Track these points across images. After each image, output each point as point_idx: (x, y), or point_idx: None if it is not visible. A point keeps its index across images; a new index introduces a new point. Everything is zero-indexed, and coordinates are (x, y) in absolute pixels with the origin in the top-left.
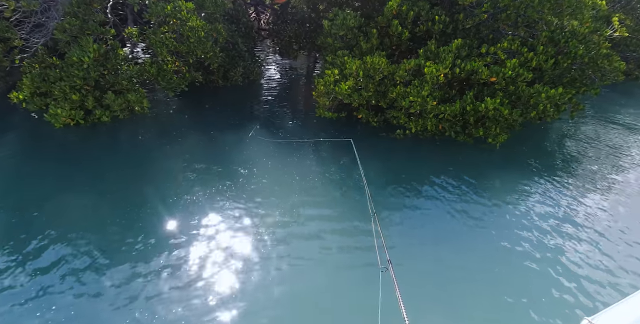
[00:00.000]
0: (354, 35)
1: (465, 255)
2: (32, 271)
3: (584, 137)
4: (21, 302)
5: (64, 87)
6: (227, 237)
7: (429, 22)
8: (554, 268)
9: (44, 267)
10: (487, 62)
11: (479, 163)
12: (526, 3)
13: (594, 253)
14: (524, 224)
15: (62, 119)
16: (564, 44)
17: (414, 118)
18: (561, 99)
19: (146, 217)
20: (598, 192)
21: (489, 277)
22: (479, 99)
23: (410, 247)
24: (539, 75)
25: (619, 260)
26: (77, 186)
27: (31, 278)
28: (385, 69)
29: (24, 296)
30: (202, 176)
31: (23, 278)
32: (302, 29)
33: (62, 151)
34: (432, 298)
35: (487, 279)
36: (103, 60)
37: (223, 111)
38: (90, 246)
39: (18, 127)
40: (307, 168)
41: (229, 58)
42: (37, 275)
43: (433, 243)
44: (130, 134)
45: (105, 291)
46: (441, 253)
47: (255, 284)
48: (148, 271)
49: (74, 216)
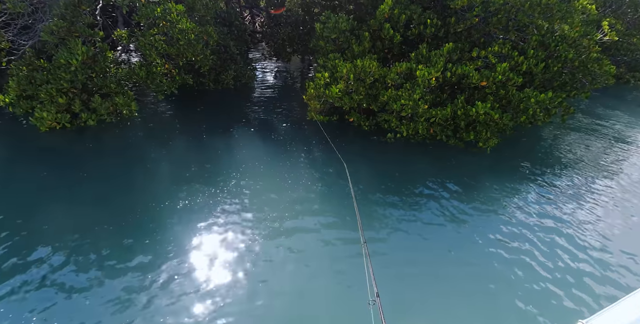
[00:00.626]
0: (346, 38)
1: (457, 267)
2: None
3: (574, 141)
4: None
5: (51, 90)
6: (212, 246)
7: (420, 25)
8: (546, 273)
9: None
10: (478, 66)
11: (470, 168)
12: (517, 7)
13: (585, 257)
14: (516, 231)
15: (48, 122)
16: (554, 48)
17: (406, 121)
18: (551, 103)
19: (133, 222)
20: (589, 198)
21: (483, 290)
22: (469, 103)
23: (400, 268)
24: (530, 79)
25: (610, 264)
26: (59, 191)
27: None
28: (377, 72)
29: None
30: (190, 181)
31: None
32: (295, 32)
33: (46, 154)
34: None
35: (481, 291)
36: (91, 63)
37: (214, 114)
38: (76, 250)
39: (2, 130)
40: (296, 179)
41: (220, 61)
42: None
43: (424, 260)
44: (117, 138)
45: (93, 294)
46: (432, 268)
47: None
48: (131, 272)
49: (55, 222)
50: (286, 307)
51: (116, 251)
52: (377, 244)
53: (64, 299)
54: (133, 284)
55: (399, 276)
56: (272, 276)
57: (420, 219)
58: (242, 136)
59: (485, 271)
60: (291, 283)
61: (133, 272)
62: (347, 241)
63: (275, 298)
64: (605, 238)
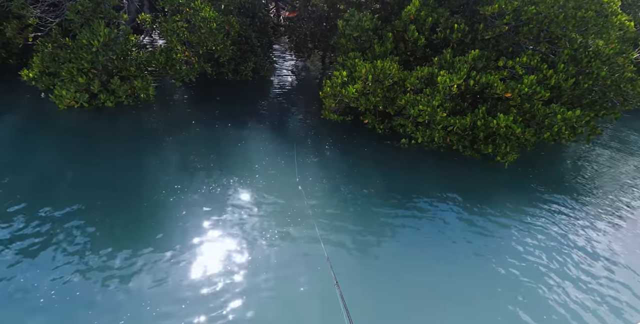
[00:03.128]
0: (369, 37)
1: (465, 286)
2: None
3: (598, 164)
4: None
5: (72, 69)
6: (209, 229)
7: (447, 29)
8: (556, 300)
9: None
10: (503, 76)
11: (483, 182)
12: (550, 18)
13: (596, 286)
14: (527, 255)
15: (67, 100)
16: (587, 63)
17: (422, 128)
18: (578, 121)
19: (134, 202)
20: (607, 226)
21: (490, 307)
22: (491, 114)
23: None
24: (557, 94)
25: (622, 296)
26: (66, 165)
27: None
28: (396, 75)
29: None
30: (197, 169)
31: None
32: (318, 28)
33: (61, 131)
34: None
35: (488, 309)
36: (113, 45)
37: (229, 105)
38: (81, 228)
39: (25, 104)
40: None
41: (240, 52)
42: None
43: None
44: (133, 121)
45: (95, 268)
46: (438, 282)
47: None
48: (133, 255)
49: (59, 195)
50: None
51: (116, 230)
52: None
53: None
54: (128, 259)
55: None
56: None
57: (422, 232)
58: (253, 130)
59: (495, 296)
60: (287, 267)
61: (133, 253)
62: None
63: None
64: (620, 272)
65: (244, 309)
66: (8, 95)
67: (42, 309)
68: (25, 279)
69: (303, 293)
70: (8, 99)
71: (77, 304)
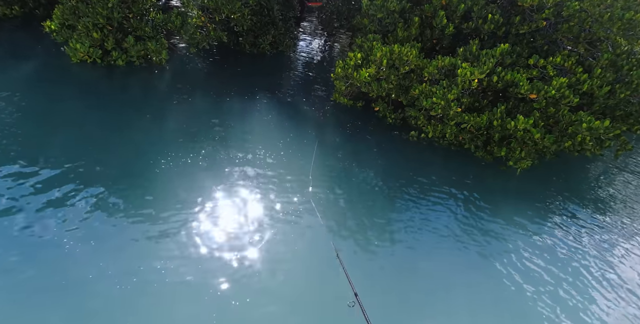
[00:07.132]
0: (393, 20)
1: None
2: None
3: (623, 184)
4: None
5: (87, 23)
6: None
7: (479, 19)
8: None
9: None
10: (531, 75)
11: (493, 187)
12: (594, 17)
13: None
14: (533, 275)
15: (80, 54)
16: (627, 71)
17: (434, 122)
18: (606, 133)
19: (133, 165)
20: (625, 255)
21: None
22: (510, 115)
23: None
24: (589, 101)
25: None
26: (68, 121)
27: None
28: (414, 62)
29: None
30: (199, 138)
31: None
32: (345, 6)
33: (71, 84)
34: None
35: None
36: (130, 3)
37: (242, 78)
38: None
39: (42, 54)
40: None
41: (260, 24)
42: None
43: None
44: (142, 83)
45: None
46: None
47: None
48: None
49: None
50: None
51: (115, 192)
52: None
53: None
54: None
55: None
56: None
57: (422, 232)
58: (262, 106)
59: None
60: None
61: (130, 218)
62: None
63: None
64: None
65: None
66: (30, 44)
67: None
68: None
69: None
70: (29, 49)
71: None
